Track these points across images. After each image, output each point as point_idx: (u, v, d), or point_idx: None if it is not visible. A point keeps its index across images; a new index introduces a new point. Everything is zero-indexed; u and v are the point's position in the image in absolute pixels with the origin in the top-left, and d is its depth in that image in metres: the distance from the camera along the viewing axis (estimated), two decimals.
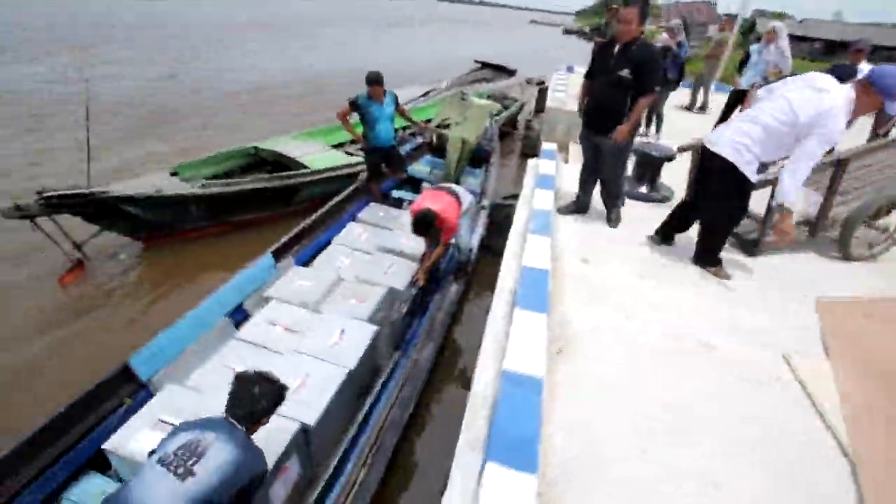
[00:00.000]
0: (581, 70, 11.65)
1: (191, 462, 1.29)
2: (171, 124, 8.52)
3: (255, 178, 4.98)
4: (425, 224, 3.18)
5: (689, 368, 2.19)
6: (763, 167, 2.80)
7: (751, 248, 3.33)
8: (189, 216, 4.56)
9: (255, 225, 5.11)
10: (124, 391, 2.32)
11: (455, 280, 3.73)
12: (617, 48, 2.97)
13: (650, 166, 4.27)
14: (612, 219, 3.60)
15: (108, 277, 4.23)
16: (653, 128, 6.38)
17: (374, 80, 4.17)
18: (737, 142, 2.59)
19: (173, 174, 4.82)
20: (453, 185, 3.74)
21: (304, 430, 2.11)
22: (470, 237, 3.77)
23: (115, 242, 4.49)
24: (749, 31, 14.82)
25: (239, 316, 3.05)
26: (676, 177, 4.23)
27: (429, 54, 20.09)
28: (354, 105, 4.29)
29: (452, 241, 3.60)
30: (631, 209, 4.01)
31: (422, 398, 3.00)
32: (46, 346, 3.42)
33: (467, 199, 3.63)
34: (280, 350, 2.56)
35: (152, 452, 1.41)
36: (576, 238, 3.39)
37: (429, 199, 3.36)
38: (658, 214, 3.91)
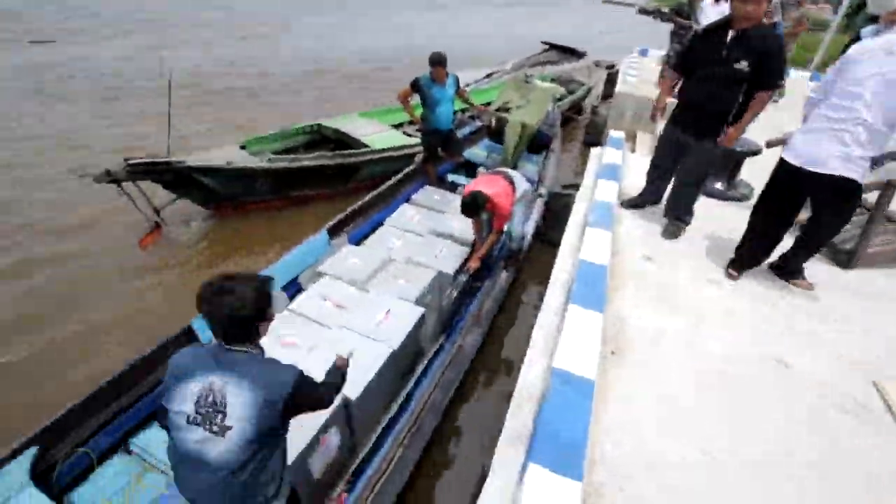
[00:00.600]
0: (656, 53, 10.85)
1: (218, 419, 1.24)
2: (249, 99, 8.95)
3: (317, 155, 5.12)
4: (475, 206, 3.11)
5: (759, 387, 1.99)
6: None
7: (845, 259, 2.96)
8: (255, 189, 4.78)
9: (314, 201, 5.27)
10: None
11: (505, 268, 3.64)
12: (731, 35, 2.50)
13: (730, 161, 3.89)
14: (670, 231, 3.14)
15: (180, 242, 4.56)
16: None
17: (438, 62, 4.08)
18: (846, 154, 2.15)
19: (242, 147, 5.05)
20: (510, 171, 3.61)
21: (346, 405, 2.15)
22: (524, 225, 3.61)
23: (188, 210, 4.80)
24: (857, 11, 12.93)
25: (293, 289, 3.17)
26: (758, 174, 3.83)
27: (493, 35, 19.58)
28: (416, 86, 4.23)
29: (505, 228, 3.51)
30: (705, 207, 3.70)
31: (464, 384, 2.99)
32: (123, 301, 3.75)
33: (523, 185, 3.49)
34: (329, 325, 2.62)
35: (166, 409, 1.33)
36: (639, 233, 3.18)
37: (482, 183, 3.28)
38: (733, 214, 3.59)
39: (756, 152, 3.70)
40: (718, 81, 2.61)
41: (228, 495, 1.29)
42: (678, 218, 3.14)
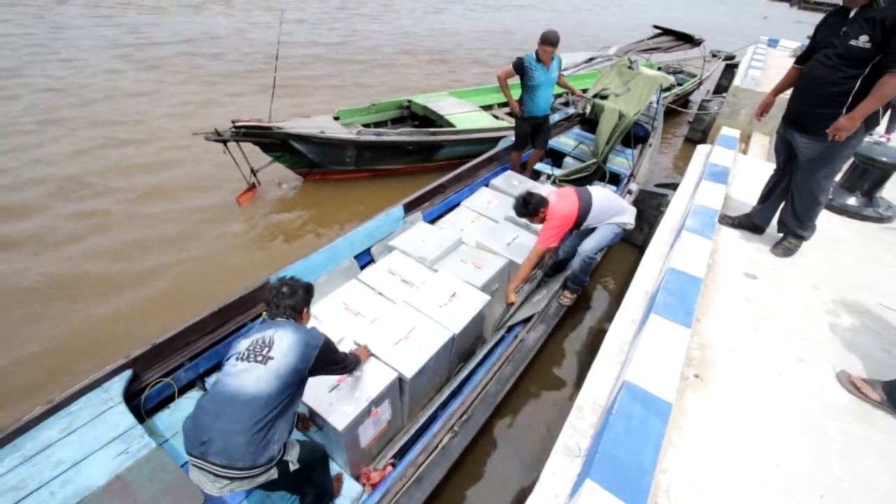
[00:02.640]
0: (788, 44, 9.50)
1: (265, 351, 1.53)
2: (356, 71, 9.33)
3: (403, 131, 5.17)
4: (524, 206, 2.91)
5: (867, 435, 1.66)
6: None
7: None
8: (342, 159, 4.96)
9: (396, 175, 5.36)
10: (263, 305, 2.65)
11: (563, 289, 3.22)
12: (852, 14, 2.14)
13: (872, 173, 3.29)
14: (785, 245, 2.71)
15: (272, 202, 4.88)
16: (885, 121, 4.80)
17: (550, 41, 3.78)
18: None
19: (335, 118, 5.25)
20: (604, 193, 3.11)
21: (400, 380, 2.16)
22: (597, 252, 3.05)
23: (280, 174, 5.12)
24: None
25: (365, 259, 3.24)
26: None
27: (599, 17, 18.42)
28: (520, 66, 3.95)
29: (548, 256, 3.23)
30: (832, 223, 3.18)
31: (522, 379, 2.88)
32: (215, 249, 4.12)
33: (624, 216, 3.02)
34: (393, 299, 2.65)
35: (227, 358, 1.62)
36: (744, 245, 2.81)
37: (559, 194, 3.04)
38: (867, 236, 3.04)
39: None
40: (829, 64, 2.20)
41: (246, 430, 1.40)
42: (792, 233, 2.70)
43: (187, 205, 4.66)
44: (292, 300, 1.71)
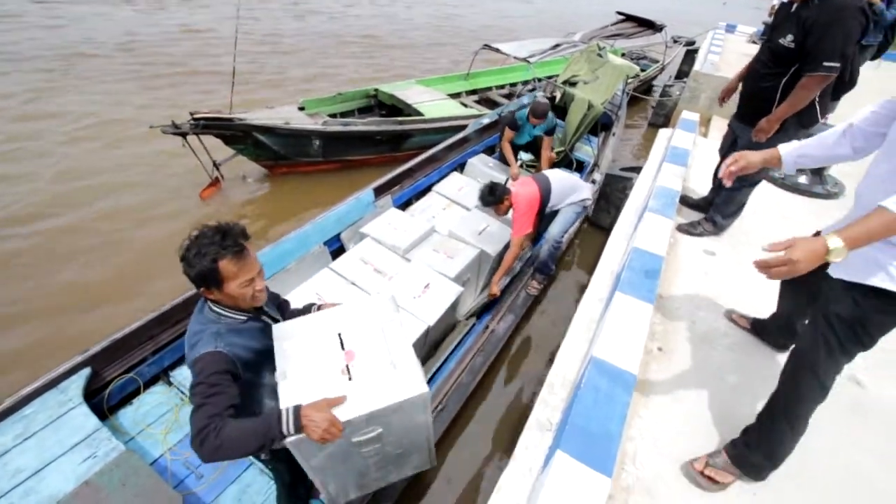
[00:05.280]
0: (745, 30, 9.83)
1: None
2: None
3: (370, 120, 5.10)
4: (489, 194, 2.97)
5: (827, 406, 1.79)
6: None
7: None
8: (309, 150, 4.86)
9: (365, 166, 5.29)
10: None
11: (533, 276, 3.34)
12: (794, 6, 2.09)
13: None
14: (700, 226, 2.77)
15: (236, 196, 4.75)
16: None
17: (536, 114, 4.03)
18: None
19: (300, 108, 5.13)
20: (563, 176, 3.26)
21: None
22: (563, 234, 3.22)
23: (244, 167, 4.97)
24: None
25: (334, 244, 3.19)
26: (854, 168, 3.38)
27: (564, 5, 18.56)
28: (512, 123, 4.23)
29: (526, 245, 3.29)
30: (786, 201, 3.35)
31: (493, 367, 2.92)
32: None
33: (583, 193, 3.18)
34: (367, 290, 2.64)
35: None
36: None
37: (520, 183, 3.12)
38: (818, 212, 3.22)
39: None
40: (763, 59, 2.23)
41: None
42: (711, 219, 2.75)
43: (148, 198, 4.49)
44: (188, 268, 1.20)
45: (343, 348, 1.38)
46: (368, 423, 1.26)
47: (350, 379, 1.29)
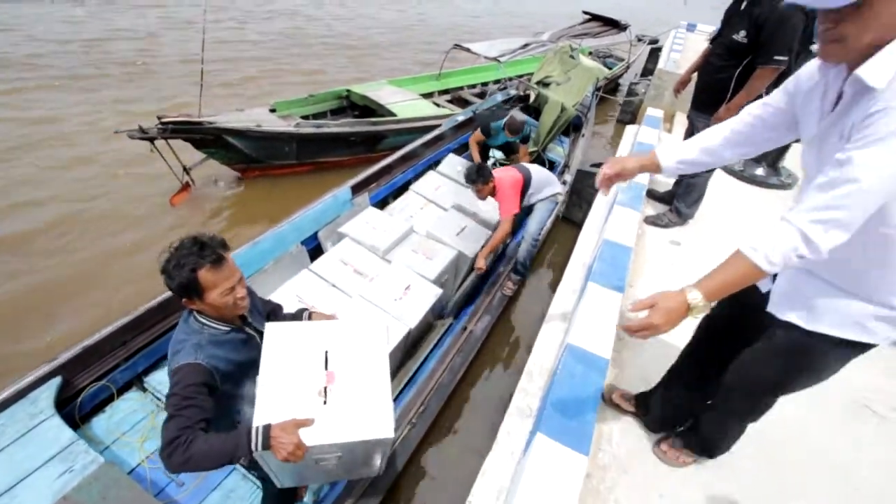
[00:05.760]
0: (705, 28, 10.23)
1: None
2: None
3: (344, 122, 5.08)
4: (474, 173, 3.04)
5: None
6: None
7: None
8: (282, 153, 4.80)
9: (339, 167, 5.27)
10: None
11: (509, 277, 3.37)
12: (742, 6, 2.31)
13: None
14: (665, 217, 2.93)
15: (208, 201, 4.66)
16: None
17: (511, 129, 4.15)
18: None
19: (272, 110, 5.06)
20: (535, 168, 3.36)
21: None
22: (540, 231, 3.28)
23: (216, 171, 4.88)
24: None
25: (311, 244, 3.17)
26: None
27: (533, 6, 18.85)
28: (486, 130, 4.31)
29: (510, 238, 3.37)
30: (744, 192, 3.54)
31: (473, 365, 2.97)
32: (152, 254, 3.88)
33: (555, 188, 3.27)
34: (348, 292, 2.64)
35: None
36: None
37: (500, 170, 3.20)
38: (773, 201, 3.42)
39: None
40: (718, 52, 2.41)
41: None
42: (673, 209, 2.92)
43: (117, 212, 4.36)
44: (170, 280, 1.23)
45: (326, 368, 1.38)
46: (331, 449, 1.29)
47: (325, 402, 1.30)
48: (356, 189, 3.52)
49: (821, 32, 0.85)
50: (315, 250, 3.12)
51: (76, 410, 2.07)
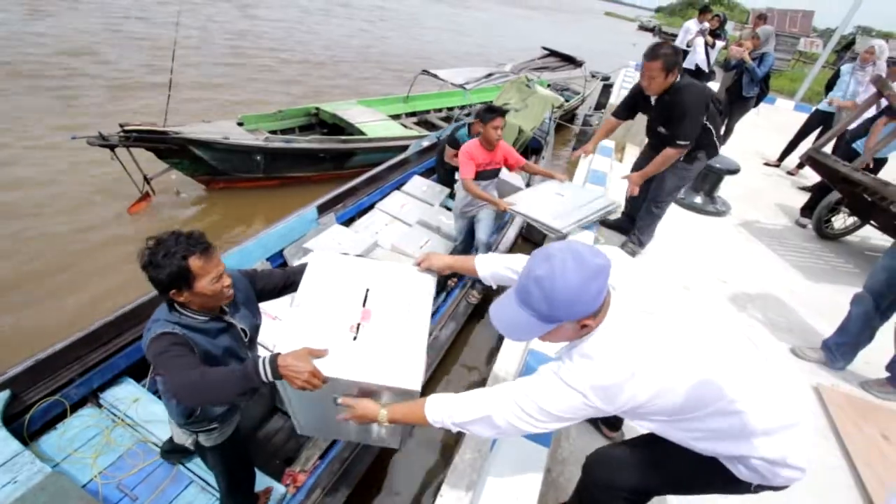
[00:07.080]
0: None
1: None
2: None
3: (313, 138, 5.14)
4: (487, 108, 2.98)
5: None
6: None
7: None
8: (249, 167, 4.78)
9: (306, 183, 5.29)
10: None
11: (473, 286, 3.44)
12: (653, 100, 2.66)
13: (711, 177, 4.11)
14: (631, 247, 3.23)
15: (169, 212, 4.55)
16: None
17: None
18: None
19: (239, 124, 5.05)
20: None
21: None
22: (489, 236, 3.28)
23: (178, 182, 4.78)
24: (846, 48, 13.62)
25: (277, 261, 3.20)
26: (737, 190, 4.02)
27: (491, 40, 19.76)
28: (453, 142, 4.26)
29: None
30: (682, 218, 3.90)
31: (437, 372, 3.06)
32: (106, 261, 3.74)
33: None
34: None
35: None
36: (619, 240, 3.34)
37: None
38: (710, 226, 3.79)
39: (734, 171, 3.92)
40: (653, 143, 2.83)
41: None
42: (637, 240, 3.24)
43: (73, 218, 4.16)
44: (155, 277, 1.24)
45: (364, 305, 1.32)
46: (352, 388, 1.24)
47: (354, 339, 1.25)
48: (322, 208, 3.58)
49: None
50: (281, 268, 3.13)
51: (25, 426, 1.97)
